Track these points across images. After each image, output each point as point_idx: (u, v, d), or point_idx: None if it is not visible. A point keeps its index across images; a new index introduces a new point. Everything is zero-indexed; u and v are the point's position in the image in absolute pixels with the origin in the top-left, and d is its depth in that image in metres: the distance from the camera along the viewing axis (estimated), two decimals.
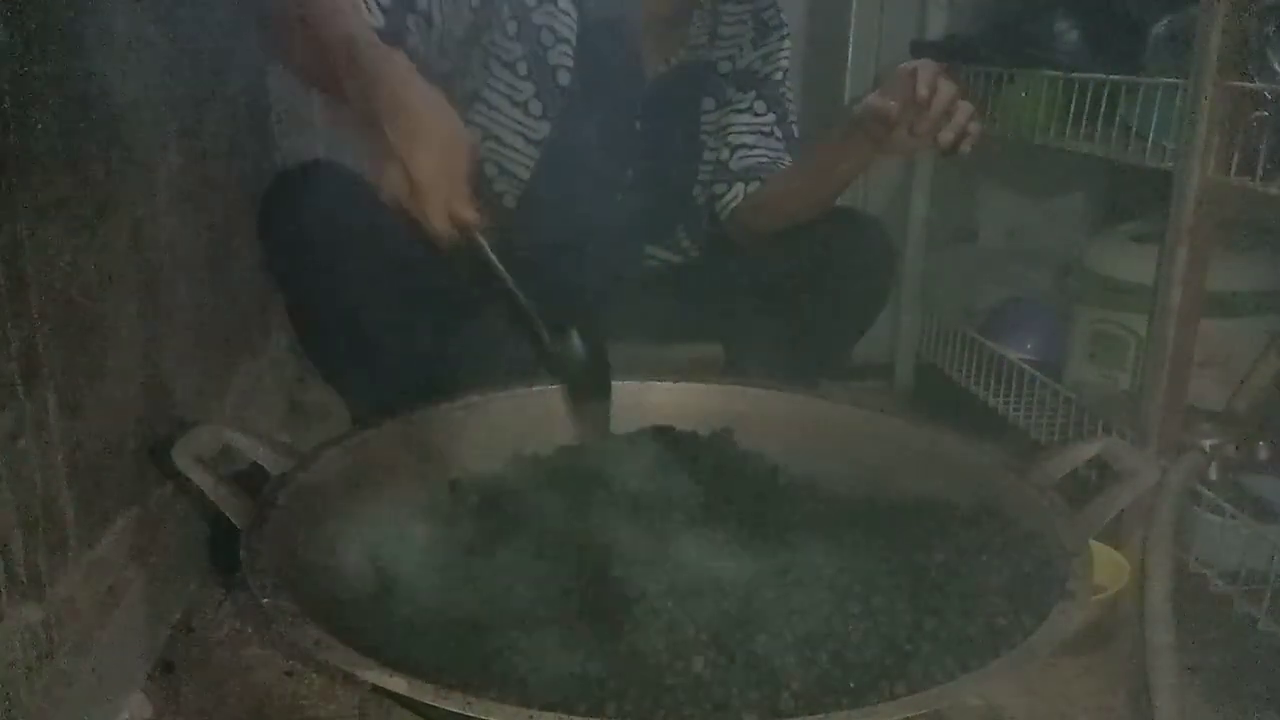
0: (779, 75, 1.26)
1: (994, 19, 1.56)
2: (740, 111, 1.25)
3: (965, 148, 1.00)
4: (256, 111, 1.49)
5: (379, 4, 1.00)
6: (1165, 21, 1.21)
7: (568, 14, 1.13)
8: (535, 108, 1.14)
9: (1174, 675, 0.87)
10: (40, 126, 0.78)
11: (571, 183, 1.16)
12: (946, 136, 0.98)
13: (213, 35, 1.22)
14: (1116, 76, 1.21)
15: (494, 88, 1.14)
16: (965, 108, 0.99)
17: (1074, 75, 1.28)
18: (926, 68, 0.99)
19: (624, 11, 1.16)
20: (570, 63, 1.14)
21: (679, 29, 1.20)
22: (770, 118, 1.25)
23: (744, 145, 1.25)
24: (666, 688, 0.65)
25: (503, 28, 1.12)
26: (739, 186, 1.24)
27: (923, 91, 0.97)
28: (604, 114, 1.16)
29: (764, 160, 1.24)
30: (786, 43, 1.26)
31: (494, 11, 1.11)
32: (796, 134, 1.27)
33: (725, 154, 1.25)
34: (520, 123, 1.15)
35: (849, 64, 1.76)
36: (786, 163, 1.25)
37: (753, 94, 1.25)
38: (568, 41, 1.13)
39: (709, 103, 1.23)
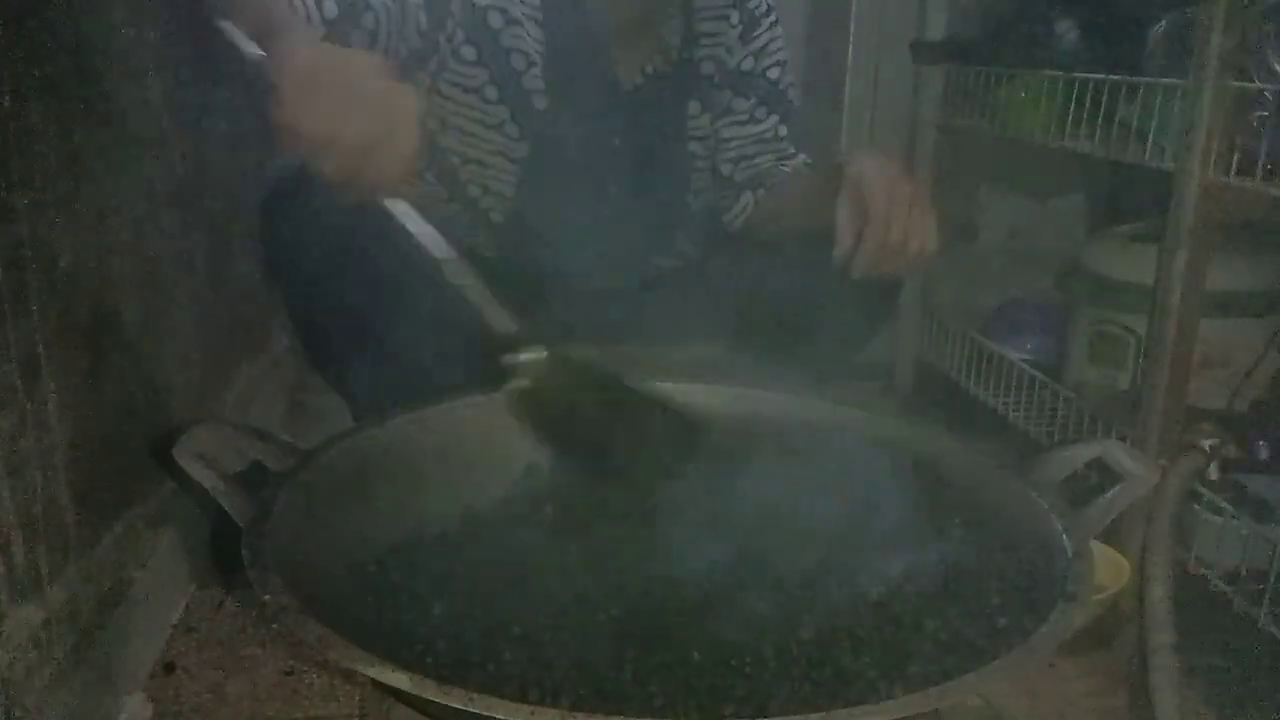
0: (776, 71, 1.24)
1: (994, 19, 1.56)
2: (741, 123, 1.24)
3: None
4: (257, 111, 1.49)
5: (322, 15, 0.96)
6: (1165, 21, 1.21)
7: (535, 35, 1.11)
8: (512, 130, 1.13)
9: (1174, 675, 0.87)
10: (40, 126, 0.78)
11: (556, 199, 1.15)
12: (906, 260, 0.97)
13: (213, 34, 1.22)
14: (1116, 76, 1.21)
15: (464, 114, 1.12)
16: (920, 235, 0.97)
17: (1074, 75, 1.28)
18: (877, 202, 0.95)
19: (592, 24, 1.13)
20: (544, 85, 1.12)
21: (651, 33, 1.17)
22: (772, 120, 1.24)
23: (745, 157, 1.24)
24: (665, 686, 0.66)
25: (457, 53, 1.09)
26: (747, 195, 1.24)
27: (895, 238, 0.95)
28: (582, 131, 1.14)
29: (768, 166, 1.24)
30: (778, 29, 1.24)
31: (445, 37, 1.08)
32: (796, 101, 1.26)
33: (728, 168, 1.24)
34: (498, 144, 1.14)
35: (849, 64, 1.76)
36: (790, 157, 1.24)
37: (753, 100, 1.23)
38: (539, 65, 1.11)
39: (694, 107, 1.21)
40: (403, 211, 0.80)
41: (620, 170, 1.19)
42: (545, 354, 0.88)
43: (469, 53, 1.09)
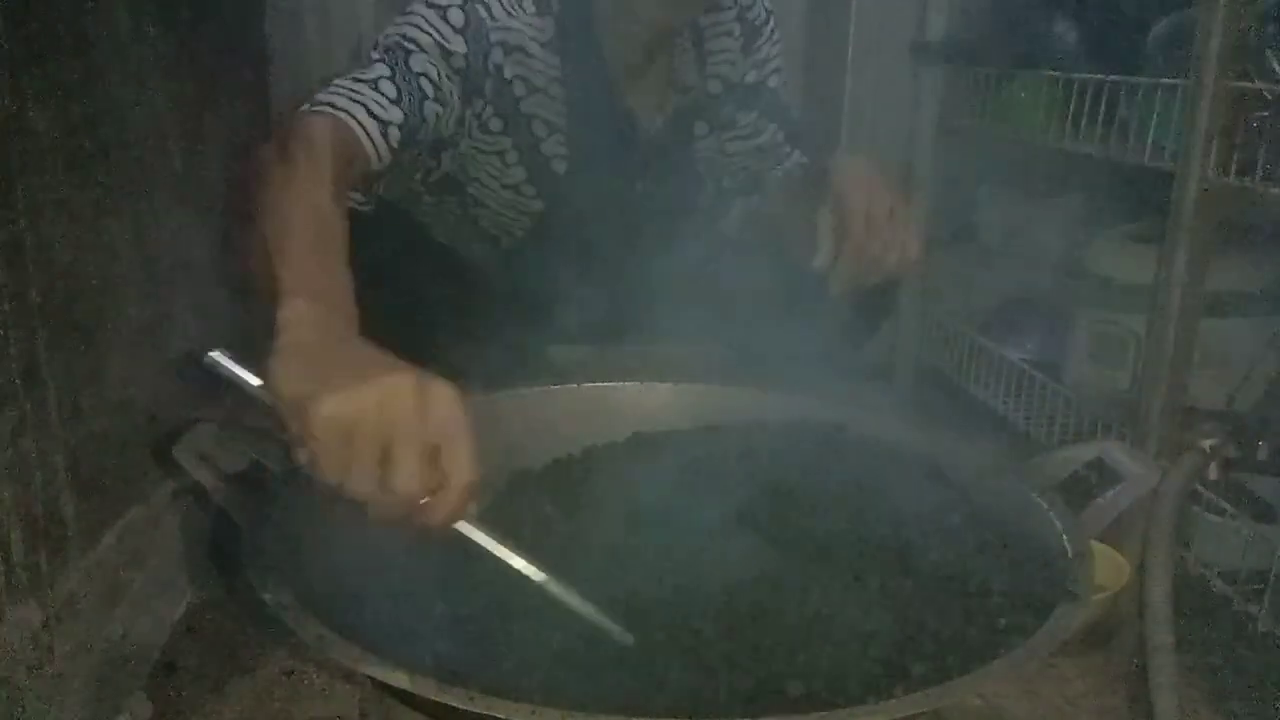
0: (775, 79, 1.24)
1: (993, 19, 1.56)
2: (745, 138, 1.23)
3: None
4: (257, 111, 1.49)
5: (389, 145, 0.92)
6: (1165, 21, 1.21)
7: (559, 98, 1.10)
8: (528, 190, 1.13)
9: (1174, 675, 0.87)
10: (40, 126, 0.78)
11: (567, 238, 1.15)
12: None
13: (214, 34, 1.22)
14: (1116, 76, 1.21)
15: (480, 169, 1.12)
16: (898, 247, 0.98)
17: (1074, 75, 1.28)
18: (856, 218, 0.96)
19: (612, 77, 1.12)
20: (565, 150, 1.11)
21: (669, 73, 1.16)
22: (770, 129, 1.24)
23: (745, 168, 1.25)
24: (665, 686, 0.66)
25: (484, 126, 1.09)
26: (740, 202, 1.24)
27: (873, 251, 0.97)
28: (598, 186, 1.14)
29: (760, 172, 1.24)
30: (776, 35, 1.24)
31: (474, 113, 1.07)
32: (791, 106, 1.26)
33: (728, 181, 1.24)
34: (512, 200, 1.14)
35: (849, 64, 1.76)
36: (785, 158, 1.24)
37: (756, 113, 1.23)
38: (562, 131, 1.11)
39: (701, 127, 1.21)
40: (478, 537, 0.65)
41: (631, 209, 1.19)
42: None
43: (496, 124, 1.09)
